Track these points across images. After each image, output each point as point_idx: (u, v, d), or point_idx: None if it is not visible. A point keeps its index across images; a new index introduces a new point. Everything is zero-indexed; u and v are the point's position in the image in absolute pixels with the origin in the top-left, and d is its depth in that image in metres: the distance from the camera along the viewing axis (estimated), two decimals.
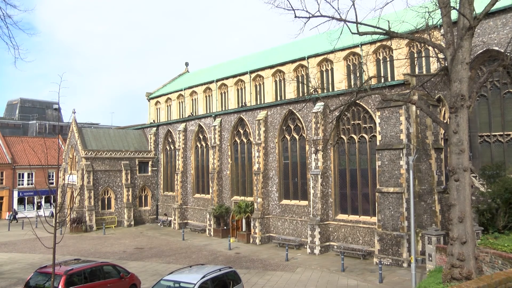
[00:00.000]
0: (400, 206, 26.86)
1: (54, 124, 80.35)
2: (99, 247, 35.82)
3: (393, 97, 20.70)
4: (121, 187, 49.11)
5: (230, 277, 17.44)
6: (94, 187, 46.80)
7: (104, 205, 48.09)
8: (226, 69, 54.97)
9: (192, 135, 47.01)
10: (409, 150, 26.81)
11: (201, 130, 46.13)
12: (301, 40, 44.14)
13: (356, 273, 25.80)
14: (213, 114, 44.31)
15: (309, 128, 33.84)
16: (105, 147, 48.99)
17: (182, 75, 67.78)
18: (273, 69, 45.59)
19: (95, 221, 46.02)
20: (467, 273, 12.16)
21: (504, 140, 29.92)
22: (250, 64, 50.85)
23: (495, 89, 30.35)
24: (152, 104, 64.39)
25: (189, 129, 47.59)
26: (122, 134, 53.20)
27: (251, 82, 48.04)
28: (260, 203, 36.85)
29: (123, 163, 49.27)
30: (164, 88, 64.03)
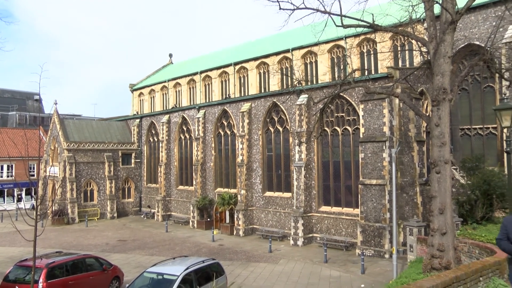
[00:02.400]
0: (382, 198, 27.15)
1: (35, 115, 79.08)
2: (82, 240, 35.55)
3: (376, 90, 20.84)
4: (104, 179, 48.71)
5: (213, 268, 17.47)
6: (77, 179, 46.34)
7: (87, 197, 47.65)
8: (210, 61, 54.71)
9: (175, 127, 46.79)
10: (392, 143, 27.06)
11: (184, 122, 45.93)
12: (286, 32, 44.15)
13: (338, 264, 26.05)
14: (197, 106, 44.14)
15: (293, 120, 33.93)
16: (88, 139, 48.49)
17: (166, 67, 67.29)
18: (257, 61, 45.53)
19: (77, 213, 45.59)
20: (446, 263, 12.37)
21: (483, 133, 30.40)
22: (234, 56, 50.69)
23: (476, 83, 30.77)
24: (135, 95, 63.85)
25: (172, 121, 47.35)
26: (105, 125, 52.69)
27: (235, 74, 47.93)
28: (243, 195, 36.91)
29: (106, 155, 48.84)
30: (148, 80, 63.52)
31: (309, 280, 22.66)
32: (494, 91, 29.70)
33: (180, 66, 63.21)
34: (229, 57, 51.46)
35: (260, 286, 21.61)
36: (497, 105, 15.32)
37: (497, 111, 13.47)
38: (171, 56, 68.86)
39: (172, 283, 15.06)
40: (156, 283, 15.94)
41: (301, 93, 32.81)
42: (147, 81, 63.23)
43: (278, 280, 22.82)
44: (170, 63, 68.36)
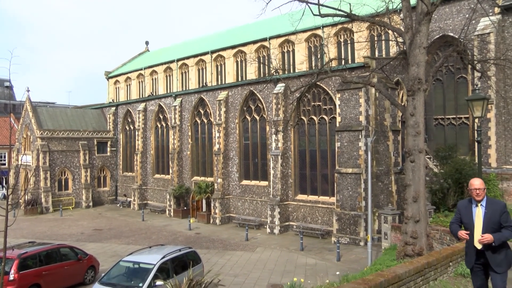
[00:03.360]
0: (358, 186, 27.48)
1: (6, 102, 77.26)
2: (56, 229, 35.07)
3: (353, 79, 20.98)
4: (79, 167, 48.02)
5: (190, 257, 17.46)
6: (51, 168, 45.57)
7: (61, 186, 46.93)
8: (187, 49, 54.21)
9: (152, 115, 46.35)
10: (367, 132, 27.36)
11: (161, 110, 45.53)
12: (263, 21, 43.98)
13: (314, 252, 26.35)
14: (174, 94, 43.78)
15: (270, 109, 33.97)
16: (62, 127, 47.63)
17: (142, 54, 66.41)
18: (235, 49, 45.31)
19: (51, 203, 44.88)
20: (419, 249, 12.64)
21: (456, 123, 30.98)
22: (211, 44, 50.32)
23: (450, 74, 31.26)
24: (111, 83, 62.90)
25: (149, 109, 46.88)
26: (80, 113, 51.82)
27: (212, 62, 47.64)
28: (220, 184, 36.91)
29: (81, 143, 48.10)
30: (124, 67, 62.62)
31: (285, 268, 22.87)
32: (467, 82, 30.23)
33: (157, 54, 62.48)
34: (206, 45, 51.06)
35: (236, 274, 21.73)
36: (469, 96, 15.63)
37: (469, 101, 13.74)
38: (147, 44, 68.00)
39: (148, 272, 15.01)
40: (132, 272, 15.87)
41: (278, 82, 32.83)
42: (123, 68, 62.35)
43: (255, 268, 22.97)
44: (146, 50, 67.48)
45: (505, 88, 27.83)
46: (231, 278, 20.83)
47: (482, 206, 6.29)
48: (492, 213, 6.17)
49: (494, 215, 6.15)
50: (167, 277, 14.85)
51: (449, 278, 9.41)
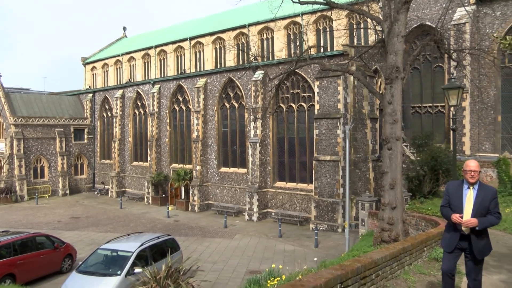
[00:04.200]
0: (336, 173, 27.74)
1: None
2: (31, 218, 34.55)
3: (331, 67, 21.04)
4: (55, 155, 47.25)
5: (168, 244, 17.44)
6: (25, 156, 44.73)
7: (37, 174, 46.14)
8: (165, 35, 53.55)
9: (130, 102, 45.83)
10: (346, 120, 27.56)
11: (139, 97, 45.04)
12: (243, 8, 43.64)
13: (293, 239, 26.58)
14: (152, 81, 43.33)
15: (249, 96, 33.92)
16: (37, 114, 46.69)
17: (120, 40, 65.36)
18: (214, 36, 44.96)
19: (26, 191, 44.09)
20: (395, 235, 12.85)
21: (433, 112, 31.44)
22: (190, 30, 49.82)
23: (427, 63, 31.64)
24: (87, 69, 61.81)
25: (127, 96, 46.33)
26: (55, 100, 50.82)
27: (191, 49, 47.20)
28: (199, 171, 36.84)
29: (57, 131, 47.26)
30: (101, 53, 61.57)
31: (264, 255, 23.03)
32: (443, 71, 30.66)
33: (135, 40, 61.59)
34: (185, 31, 50.53)
35: (215, 261, 21.80)
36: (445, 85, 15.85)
37: (445, 90, 13.93)
38: (125, 30, 66.90)
39: (126, 260, 14.95)
40: (110, 259, 15.77)
41: (257, 69, 32.76)
42: (100, 54, 61.29)
43: (233, 255, 23.08)
44: (124, 36, 66.44)
45: (479, 77, 28.32)
46: (210, 265, 20.90)
47: (474, 189, 6.20)
48: (483, 198, 6.11)
49: (485, 200, 6.10)
50: (146, 265, 14.80)
51: (423, 263, 9.61)
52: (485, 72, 28.41)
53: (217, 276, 19.31)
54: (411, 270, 8.70)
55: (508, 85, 28.41)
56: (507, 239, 13.59)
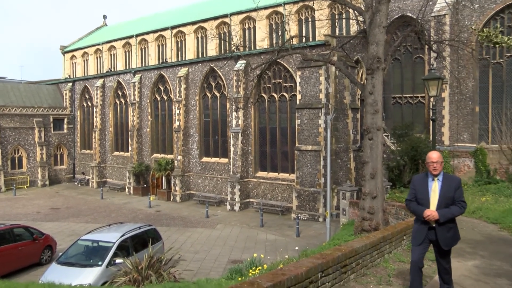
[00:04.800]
0: (317, 163, 27.90)
1: None
2: (9, 209, 33.97)
3: (313, 57, 21.08)
4: (34, 145, 46.44)
5: (150, 234, 17.39)
6: (2, 146, 43.84)
7: (15, 164, 45.30)
8: (146, 24, 52.93)
9: (110, 92, 45.30)
10: (327, 110, 27.69)
11: (120, 86, 44.54)
12: None
13: (274, 228, 26.72)
14: (133, 70, 42.86)
15: (230, 86, 33.82)
16: (14, 103, 45.75)
17: (100, 29, 64.35)
18: (195, 25, 44.60)
19: (3, 182, 43.23)
20: (376, 224, 13.00)
21: (413, 102, 31.77)
22: (171, 19, 49.31)
23: (408, 54, 31.90)
24: (67, 58, 60.79)
25: (107, 85, 45.77)
26: (34, 89, 49.85)
27: (172, 38, 46.78)
28: (180, 161, 36.71)
29: (35, 120, 46.41)
30: (80, 42, 60.56)
31: (246, 244, 23.12)
32: (424, 62, 30.96)
33: (115, 28, 60.72)
34: (166, 20, 49.99)
35: (197, 251, 21.82)
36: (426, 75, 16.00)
37: (425, 80, 14.07)
38: (105, 18, 65.90)
39: (107, 250, 14.87)
40: (91, 250, 15.66)
41: (239, 59, 32.64)
42: (79, 43, 60.29)
43: (215, 245, 23.13)
44: (104, 25, 65.44)
45: (458, 68, 28.68)
46: (191, 255, 20.91)
47: (438, 181, 6.15)
48: (448, 188, 6.06)
49: (449, 190, 6.05)
50: (127, 255, 14.75)
51: (402, 251, 9.77)
52: (463, 64, 28.77)
53: (199, 265, 19.35)
54: (391, 258, 8.83)
55: (485, 77, 28.84)
56: (482, 227, 13.88)
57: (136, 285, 11.62)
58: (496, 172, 25.29)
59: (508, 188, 20.52)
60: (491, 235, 12.60)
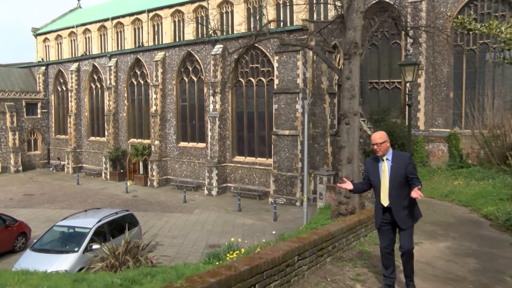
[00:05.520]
0: (295, 148, 28.05)
1: None
2: None
3: (291, 42, 21.05)
4: (6, 130, 45.35)
5: (127, 220, 17.26)
6: None
7: None
8: (122, 7, 51.89)
9: (85, 76, 44.51)
10: (305, 94, 27.77)
11: (95, 70, 43.79)
12: None
13: (252, 213, 26.86)
14: (109, 54, 42.16)
15: (208, 70, 33.58)
16: None
17: (74, 11, 62.90)
18: (172, 8, 43.98)
19: None
20: (352, 208, 13.20)
21: (390, 87, 32.08)
22: (148, 2, 48.44)
23: (385, 39, 32.10)
24: (39, 41, 59.27)
25: (82, 69, 44.92)
26: (4, 72, 48.42)
27: (148, 21, 46.07)
28: (157, 146, 36.47)
29: (6, 105, 45.21)
30: (54, 24, 59.09)
31: (223, 229, 23.21)
32: (400, 47, 31.21)
33: (90, 11, 59.43)
34: (143, 3, 49.10)
35: (175, 236, 21.82)
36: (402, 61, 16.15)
37: (401, 66, 14.21)
38: (79, 0, 64.37)
39: (84, 236, 14.73)
40: (67, 236, 15.48)
41: (216, 43, 32.39)
42: (52, 25, 58.83)
43: (193, 229, 23.16)
44: (78, 7, 63.98)
45: (434, 55, 29.02)
46: (169, 240, 20.91)
47: (388, 160, 5.97)
48: (397, 167, 5.87)
49: (399, 168, 5.85)
50: (104, 241, 14.65)
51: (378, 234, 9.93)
52: (439, 50, 29.11)
53: (176, 250, 19.37)
54: (366, 241, 8.98)
55: (460, 63, 29.28)
56: (454, 209, 14.21)
57: (113, 270, 11.56)
58: (469, 156, 25.84)
59: (479, 172, 20.99)
60: (462, 217, 12.92)
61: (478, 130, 24.18)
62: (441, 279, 6.99)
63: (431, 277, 7.05)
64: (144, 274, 8.69)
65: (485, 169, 21.67)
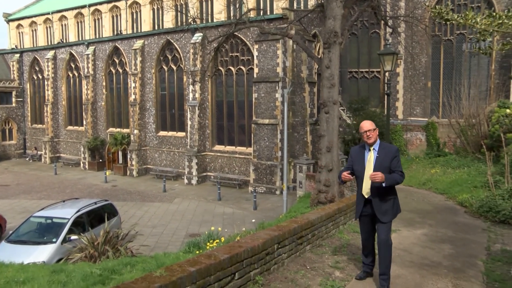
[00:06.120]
0: (274, 137, 28.11)
1: None
2: None
3: (271, 30, 21.00)
4: None
5: (106, 210, 17.09)
6: None
7: None
8: None
9: (62, 64, 43.69)
10: (284, 83, 27.79)
11: (72, 58, 43.01)
12: None
13: (232, 202, 26.90)
14: (86, 42, 41.44)
15: (187, 59, 33.31)
16: None
17: None
18: None
19: None
20: (331, 197, 13.30)
21: (369, 77, 32.32)
22: None
23: (364, 29, 32.26)
24: (12, 27, 57.71)
25: (59, 57, 44.08)
26: None
27: (127, 9, 45.37)
28: (136, 135, 36.15)
29: None
30: (28, 10, 57.66)
31: (203, 218, 23.21)
32: (380, 37, 31.41)
33: None
34: None
35: (155, 225, 21.75)
36: (381, 50, 16.26)
37: (380, 55, 14.32)
38: None
39: (62, 227, 14.53)
40: (45, 227, 15.22)
41: (196, 32, 32.11)
42: (26, 11, 57.38)
43: (173, 219, 23.11)
44: None
45: (412, 44, 29.29)
46: (149, 229, 20.82)
47: (374, 150, 5.88)
48: (383, 158, 5.79)
49: (385, 160, 5.77)
50: (83, 231, 14.47)
51: (356, 222, 10.02)
52: (417, 40, 29.39)
53: (156, 240, 19.31)
54: (345, 229, 9.09)
55: (437, 53, 29.63)
56: (431, 197, 14.49)
57: (92, 261, 11.48)
58: (445, 145, 26.28)
59: (455, 161, 21.41)
60: (439, 204, 13.18)
61: (454, 119, 24.60)
62: (417, 265, 7.13)
63: (407, 263, 7.19)
64: (123, 264, 8.65)
65: (461, 158, 22.12)
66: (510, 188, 11.73)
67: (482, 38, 5.40)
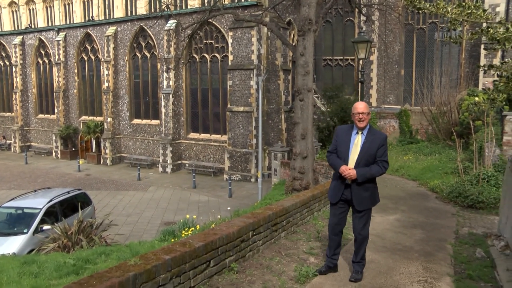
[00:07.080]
0: (249, 124, 28.12)
1: None
2: None
3: (245, 17, 20.86)
4: None
5: (79, 199, 16.86)
6: None
7: None
8: None
9: (31, 50, 42.60)
10: (259, 71, 27.75)
11: (42, 44, 41.98)
12: None
13: (207, 190, 26.90)
14: (56, 28, 40.47)
15: (161, 46, 32.91)
16: None
17: None
18: None
19: None
20: (306, 184, 13.41)
21: (343, 64, 32.52)
22: None
23: (339, 16, 32.39)
24: None
25: (27, 43, 42.95)
26: None
27: None
28: (110, 123, 35.67)
29: None
30: None
31: (179, 206, 23.15)
32: (354, 25, 31.61)
33: None
34: None
35: (129, 214, 21.60)
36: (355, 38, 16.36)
37: (354, 43, 14.42)
38: None
39: (34, 217, 14.26)
40: (15, 218, 14.88)
41: (170, 18, 31.71)
42: None
43: (148, 207, 22.99)
44: None
45: (386, 32, 29.55)
46: (124, 218, 20.68)
47: (363, 135, 5.54)
48: (371, 144, 5.47)
49: (371, 147, 5.46)
50: (56, 221, 14.26)
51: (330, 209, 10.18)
52: (391, 28, 29.67)
53: (131, 228, 19.20)
54: (320, 215, 9.19)
55: (410, 41, 30.00)
56: (403, 183, 14.75)
57: (66, 251, 11.34)
58: (418, 132, 26.73)
59: (427, 147, 21.80)
60: (411, 191, 13.43)
61: (426, 107, 25.00)
62: (390, 250, 7.27)
63: (381, 248, 7.33)
64: (98, 253, 8.59)
65: (433, 145, 22.55)
66: (478, 174, 12.03)
67: (453, 28, 5.47)
